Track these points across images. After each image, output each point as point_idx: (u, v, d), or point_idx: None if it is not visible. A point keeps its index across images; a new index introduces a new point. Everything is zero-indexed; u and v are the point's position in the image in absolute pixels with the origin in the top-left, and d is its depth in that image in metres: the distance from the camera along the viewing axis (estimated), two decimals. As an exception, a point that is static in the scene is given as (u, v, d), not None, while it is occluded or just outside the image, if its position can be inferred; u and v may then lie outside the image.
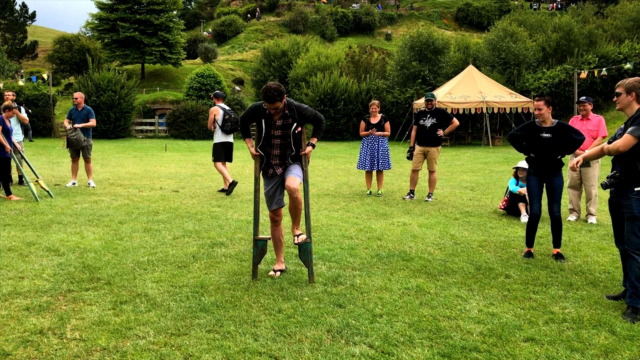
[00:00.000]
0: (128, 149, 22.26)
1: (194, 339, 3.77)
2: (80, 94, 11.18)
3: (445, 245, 6.47)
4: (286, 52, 39.53)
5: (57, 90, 36.43)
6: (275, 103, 4.92)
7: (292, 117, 5.13)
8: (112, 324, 3.99)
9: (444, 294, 4.75)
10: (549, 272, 5.45)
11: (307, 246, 5.08)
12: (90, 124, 11.01)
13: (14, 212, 8.19)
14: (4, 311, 4.19)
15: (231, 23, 58.94)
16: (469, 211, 8.72)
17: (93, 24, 44.58)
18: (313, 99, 28.23)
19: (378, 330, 3.94)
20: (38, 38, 58.38)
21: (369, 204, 9.30)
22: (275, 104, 4.92)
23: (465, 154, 20.67)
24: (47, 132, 27.64)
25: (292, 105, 5.14)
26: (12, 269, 5.26)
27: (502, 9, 58.74)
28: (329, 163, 16.83)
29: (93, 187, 10.91)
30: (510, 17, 36.99)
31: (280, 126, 5.16)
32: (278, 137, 5.20)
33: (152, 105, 33.12)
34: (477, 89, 24.18)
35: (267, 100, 4.91)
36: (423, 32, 29.72)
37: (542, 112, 5.91)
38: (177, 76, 45.26)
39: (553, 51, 31.45)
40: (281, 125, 5.16)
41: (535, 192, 6.03)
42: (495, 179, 12.95)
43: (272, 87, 4.89)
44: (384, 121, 10.26)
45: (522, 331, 3.97)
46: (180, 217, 7.97)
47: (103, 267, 5.36)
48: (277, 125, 5.15)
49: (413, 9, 67.20)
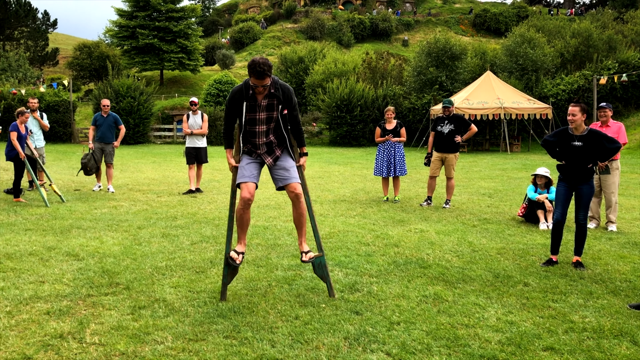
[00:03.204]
0: (147, 154, 22.46)
1: (212, 344, 3.79)
2: (108, 101, 11.42)
3: (463, 253, 6.43)
4: (303, 59, 39.68)
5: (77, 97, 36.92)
6: (265, 79, 4.41)
7: (277, 97, 4.60)
8: (130, 328, 4.02)
9: (462, 301, 4.71)
10: (568, 280, 5.39)
11: (321, 260, 4.76)
12: (121, 134, 11.31)
13: (35, 216, 8.31)
14: (25, 315, 4.24)
15: (249, 30, 59.35)
16: (487, 218, 8.66)
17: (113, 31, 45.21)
18: (329, 105, 28.26)
19: (395, 338, 3.92)
20: (59, 45, 59.26)
21: (386, 211, 9.27)
22: (265, 79, 4.41)
23: (483, 160, 20.53)
24: (67, 138, 27.99)
25: (277, 84, 4.60)
26: (33, 273, 5.33)
27: (520, 15, 58.47)
28: (345, 169, 16.82)
29: (112, 192, 11.05)
30: (528, 23, 36.74)
31: (266, 107, 4.62)
32: (263, 122, 4.67)
33: (170, 112, 33.41)
34: (494, 95, 24.03)
35: (256, 76, 4.38)
36: (440, 38, 29.64)
37: (576, 118, 5.77)
38: (195, 82, 45.65)
39: (572, 57, 31.17)
40: (266, 105, 4.62)
41: (562, 198, 5.96)
42: (513, 185, 12.85)
43: (260, 61, 4.38)
44: (399, 127, 10.25)
45: (542, 340, 3.93)
46: (198, 223, 8.01)
47: (122, 272, 5.41)
48: (262, 107, 4.61)
49: (430, 15, 67.11)
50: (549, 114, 24.01)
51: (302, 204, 4.70)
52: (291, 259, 6.03)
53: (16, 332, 3.93)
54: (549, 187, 8.42)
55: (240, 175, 4.69)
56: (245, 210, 4.65)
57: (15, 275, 5.26)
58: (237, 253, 4.68)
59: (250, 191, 4.59)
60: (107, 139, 11.15)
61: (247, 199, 4.59)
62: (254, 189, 4.65)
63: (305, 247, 4.80)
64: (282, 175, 4.74)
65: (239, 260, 4.64)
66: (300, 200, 4.68)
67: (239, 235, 4.79)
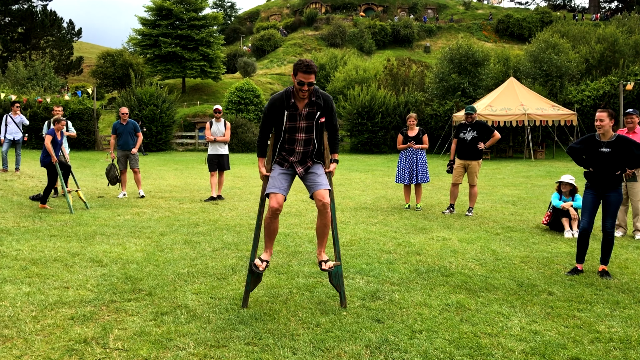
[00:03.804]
0: (169, 161, 22.67)
1: (233, 351, 3.79)
2: (126, 109, 11.63)
3: (487, 261, 6.36)
4: (324, 66, 39.80)
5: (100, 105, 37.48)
6: (312, 75, 4.42)
7: (317, 104, 4.59)
8: (153, 334, 4.05)
9: (485, 310, 4.66)
10: (594, 289, 5.29)
11: (338, 269, 4.70)
12: (139, 141, 11.53)
13: (60, 223, 8.43)
14: (50, 320, 4.30)
15: (270, 37, 59.71)
16: (510, 226, 8.56)
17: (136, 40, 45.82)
18: (350, 112, 28.26)
19: (417, 347, 3.89)
20: (83, 54, 60.28)
21: (408, 218, 9.22)
22: (312, 76, 4.42)
23: (507, 167, 20.32)
24: (90, 145, 28.38)
25: (318, 92, 4.61)
26: (57, 279, 5.40)
27: (543, 20, 57.87)
28: (366, 176, 16.78)
29: (143, 196, 11.35)
30: (552, 29, 36.34)
31: (306, 115, 4.60)
32: (303, 131, 4.64)
33: (192, 119, 33.71)
34: (518, 101, 23.80)
35: (305, 70, 4.39)
36: (463, 44, 29.48)
37: (604, 124, 5.66)
38: (217, 90, 46.01)
39: (597, 62, 30.75)
40: (307, 114, 4.59)
41: (589, 206, 5.86)
42: (537, 193, 12.69)
43: (308, 60, 4.46)
44: (421, 134, 10.19)
45: (567, 350, 3.86)
46: (219, 230, 8.05)
47: (144, 278, 5.45)
48: (303, 115, 4.59)
49: (452, 21, 66.85)
50: (573, 120, 23.69)
51: (329, 214, 4.63)
52: (312, 266, 6.02)
53: (42, 336, 3.98)
54: (573, 194, 8.30)
55: (270, 185, 4.66)
56: (273, 219, 4.65)
57: (41, 280, 5.34)
58: (262, 261, 4.68)
59: (279, 202, 4.57)
60: (129, 146, 11.36)
61: (275, 209, 4.57)
62: (283, 200, 4.62)
63: (325, 256, 4.75)
64: (312, 181, 4.72)
65: (262, 267, 4.64)
66: (327, 211, 4.61)
67: (266, 243, 4.79)
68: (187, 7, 43.95)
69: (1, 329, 4.09)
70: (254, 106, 33.00)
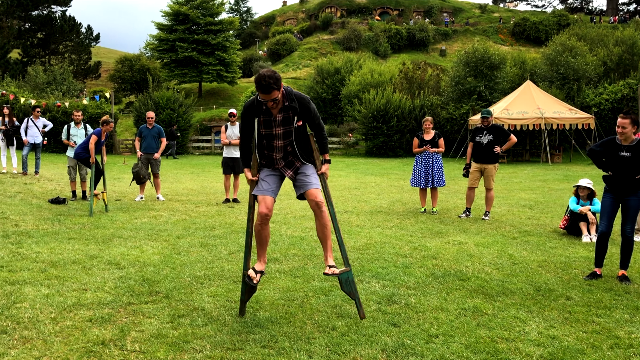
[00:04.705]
0: (185, 165, 22.82)
1: (249, 354, 3.80)
2: (153, 114, 11.83)
3: (503, 265, 6.32)
4: (339, 70, 39.81)
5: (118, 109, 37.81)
6: (272, 92, 4.09)
7: (292, 108, 4.30)
8: (170, 337, 4.07)
9: (502, 315, 4.62)
10: (613, 294, 5.23)
11: (347, 275, 4.40)
12: (162, 146, 11.69)
13: (78, 226, 8.52)
14: (69, 322, 4.34)
15: (285, 42, 59.93)
16: (527, 230, 8.49)
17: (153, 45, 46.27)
18: (366, 116, 28.26)
19: (434, 351, 3.87)
20: (101, 59, 60.91)
21: (424, 222, 9.19)
22: (272, 93, 4.10)
23: (523, 171, 20.17)
24: (108, 149, 28.67)
25: (291, 95, 4.30)
26: (76, 281, 5.46)
27: (560, 23, 57.42)
28: (382, 180, 16.75)
29: (162, 200, 11.46)
30: (569, 32, 36.06)
31: (282, 121, 4.32)
32: (280, 137, 4.37)
33: (208, 123, 33.95)
34: (535, 104, 23.63)
35: (262, 91, 4.08)
36: (479, 48, 29.36)
37: (627, 131, 5.61)
38: (233, 94, 46.27)
39: (615, 65, 30.44)
40: (282, 119, 4.32)
41: (608, 210, 5.81)
42: (554, 197, 12.58)
43: (265, 75, 4.06)
44: (437, 137, 10.16)
45: (585, 355, 3.82)
46: (235, 233, 8.09)
47: (162, 281, 5.49)
48: (278, 121, 4.31)
49: (468, 25, 66.57)
50: (591, 124, 23.46)
51: (325, 213, 4.38)
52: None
53: (60, 338, 4.03)
54: (591, 198, 8.22)
55: (257, 187, 4.42)
56: (263, 225, 4.37)
57: (60, 282, 5.40)
58: (256, 272, 4.43)
59: (268, 206, 4.32)
60: (152, 149, 11.47)
61: (264, 214, 4.31)
62: (272, 203, 4.37)
63: (331, 261, 4.46)
64: (301, 182, 4.47)
65: (256, 279, 4.39)
66: (322, 210, 4.36)
67: (259, 252, 4.52)
68: (203, 12, 44.35)
69: (21, 330, 4.14)
70: (269, 110, 33.07)
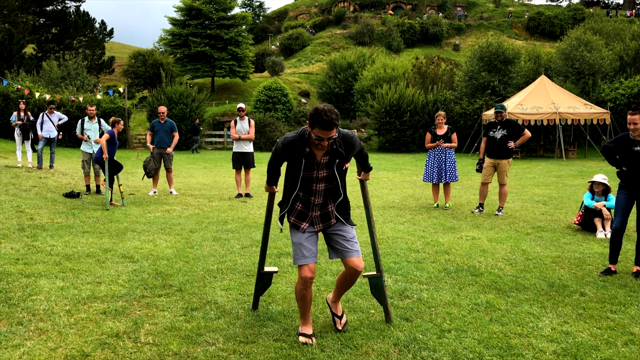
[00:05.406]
0: (198, 160, 22.91)
1: (262, 347, 3.82)
2: (165, 108, 11.87)
3: (517, 261, 6.28)
4: (352, 64, 39.74)
5: (131, 104, 38.04)
6: (333, 130, 3.67)
7: (337, 150, 3.84)
8: (183, 329, 4.10)
9: (515, 310, 4.60)
10: (627, 290, 5.19)
11: (378, 281, 4.30)
12: (175, 141, 11.77)
13: (92, 219, 8.59)
14: (84, 314, 4.39)
15: (298, 36, 59.88)
16: (541, 226, 8.44)
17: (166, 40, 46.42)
18: (378, 111, 28.18)
19: (446, 346, 3.86)
20: (115, 54, 61.31)
21: (436, 217, 9.16)
22: (333, 130, 3.67)
23: (537, 166, 20.03)
24: (122, 144, 28.83)
25: (339, 134, 3.84)
26: (90, 274, 5.51)
27: (575, 18, 56.83)
28: (394, 175, 16.71)
29: (175, 194, 11.52)
30: (584, 26, 35.66)
31: (326, 164, 3.89)
32: (322, 180, 3.93)
33: (221, 118, 34.04)
34: (549, 99, 23.43)
35: (323, 127, 3.64)
36: (492, 42, 29.13)
37: (638, 126, 5.55)
38: (245, 89, 46.34)
39: (632, 60, 30.07)
40: (327, 163, 3.88)
41: (622, 206, 5.75)
42: (569, 193, 12.48)
43: (326, 109, 3.65)
44: (450, 132, 10.10)
45: (599, 352, 3.79)
46: (248, 227, 8.11)
47: (175, 275, 5.53)
48: (323, 164, 3.88)
49: (482, 19, 66.09)
50: (606, 119, 23.24)
51: (356, 278, 4.06)
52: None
53: (75, 330, 4.07)
54: (606, 194, 8.14)
55: (299, 254, 3.95)
56: (307, 289, 3.94)
57: (74, 275, 5.45)
58: (307, 336, 3.94)
59: (312, 270, 3.90)
60: (164, 144, 11.52)
61: (309, 278, 3.90)
62: (314, 267, 3.96)
63: (340, 310, 4.21)
64: (341, 246, 4.00)
65: (312, 341, 3.91)
66: (357, 277, 4.04)
67: (304, 315, 4.04)
68: (216, 7, 44.39)
69: (37, 321, 4.19)
70: (282, 105, 33.16)
